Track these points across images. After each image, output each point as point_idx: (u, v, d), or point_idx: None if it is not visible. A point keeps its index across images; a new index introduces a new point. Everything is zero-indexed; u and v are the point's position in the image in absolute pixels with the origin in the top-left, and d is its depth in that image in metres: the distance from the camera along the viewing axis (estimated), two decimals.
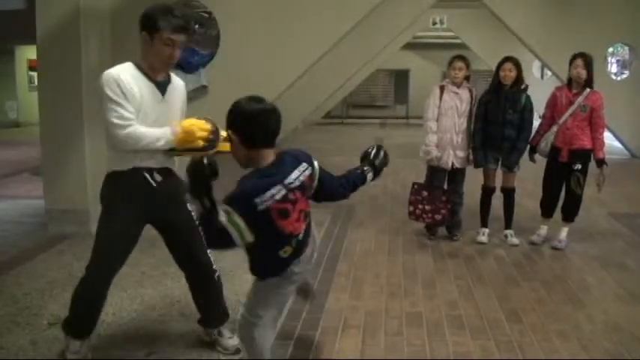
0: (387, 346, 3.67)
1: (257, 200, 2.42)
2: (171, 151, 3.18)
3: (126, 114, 3.02)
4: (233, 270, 4.72)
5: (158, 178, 3.24)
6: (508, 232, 5.97)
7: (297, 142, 15.08)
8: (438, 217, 5.84)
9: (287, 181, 2.52)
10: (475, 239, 5.94)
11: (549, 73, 16.92)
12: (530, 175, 5.77)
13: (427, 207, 5.87)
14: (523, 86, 5.71)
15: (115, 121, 3.01)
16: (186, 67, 6.27)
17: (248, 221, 2.42)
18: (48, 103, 6.04)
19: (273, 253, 2.62)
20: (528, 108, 5.70)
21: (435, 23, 18.10)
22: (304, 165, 2.65)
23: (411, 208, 5.98)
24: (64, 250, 5.58)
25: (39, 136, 6.20)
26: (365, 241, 5.96)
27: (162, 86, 3.21)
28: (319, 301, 4.31)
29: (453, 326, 3.97)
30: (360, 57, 15.56)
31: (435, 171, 5.91)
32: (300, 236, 2.67)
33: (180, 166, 3.23)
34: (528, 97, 5.72)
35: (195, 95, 6.32)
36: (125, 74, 3.08)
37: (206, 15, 6.61)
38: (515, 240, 5.88)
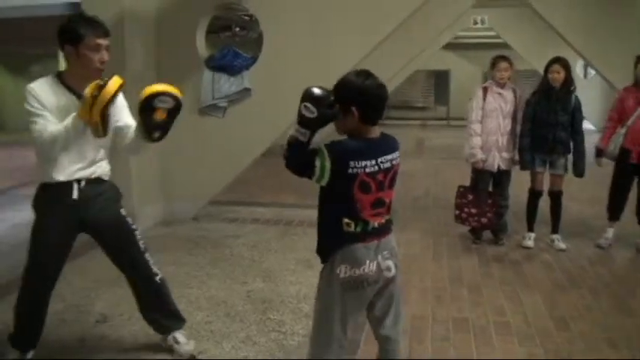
0: (434, 351, 3.63)
1: (352, 163, 2.46)
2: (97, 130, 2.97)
3: (44, 123, 2.98)
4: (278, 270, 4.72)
5: (82, 188, 3.23)
6: (555, 236, 5.84)
7: None
8: (484, 220, 5.76)
9: (381, 159, 2.53)
10: (521, 244, 5.83)
11: (592, 72, 16.55)
12: (574, 178, 5.64)
13: (473, 210, 5.79)
14: (572, 87, 5.59)
15: (35, 129, 2.98)
16: (229, 70, 6.30)
17: (333, 172, 2.46)
18: None
19: (338, 220, 2.53)
20: (578, 108, 5.59)
21: (476, 23, 17.84)
22: (397, 153, 2.65)
23: (457, 212, 5.91)
24: None
25: None
26: (409, 244, 5.90)
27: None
28: None
29: (500, 332, 3.90)
30: (401, 58, 15.45)
31: (480, 173, 5.82)
32: (371, 224, 2.55)
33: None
34: (577, 98, 5.61)
35: (238, 98, 6.36)
36: (41, 86, 3.06)
37: (247, 18, 6.62)
38: (562, 245, 5.75)
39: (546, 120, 5.56)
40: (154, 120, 2.93)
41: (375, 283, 2.58)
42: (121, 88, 2.85)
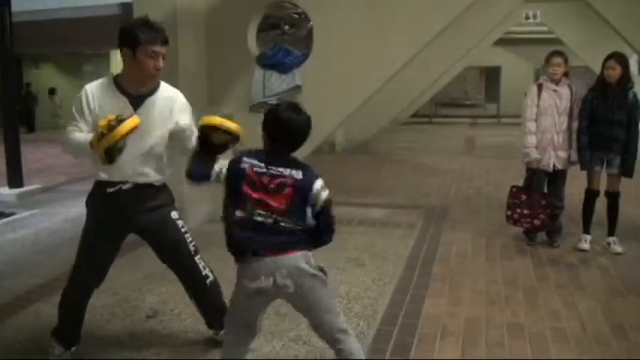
0: (488, 357, 3.54)
1: (244, 159, 2.78)
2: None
3: (73, 128, 3.12)
4: None
5: (131, 191, 3.27)
6: (611, 239, 5.64)
7: (385, 141, 15.04)
8: (536, 222, 5.61)
9: (271, 166, 2.76)
10: (576, 246, 5.65)
11: None
12: (631, 180, 5.45)
13: (526, 211, 5.65)
14: (629, 84, 5.39)
15: (66, 130, 3.14)
16: (280, 68, 6.29)
17: (229, 169, 2.81)
18: None
19: (234, 209, 2.77)
20: (635, 106, 5.40)
21: (527, 18, 17.47)
22: (299, 173, 2.78)
23: (509, 212, 5.78)
24: None
25: None
26: (461, 245, 5.80)
27: (138, 99, 3.19)
28: (416, 305, 4.24)
29: (556, 339, 3.77)
30: (451, 54, 15.23)
31: (534, 173, 5.67)
32: (256, 218, 2.73)
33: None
34: (635, 95, 5.41)
35: (289, 95, 6.34)
36: (96, 88, 3.18)
37: (296, 15, 6.61)
38: (618, 248, 5.55)
39: (603, 117, 5.39)
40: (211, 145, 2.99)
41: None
42: (133, 130, 2.91)
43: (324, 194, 2.79)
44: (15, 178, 8.74)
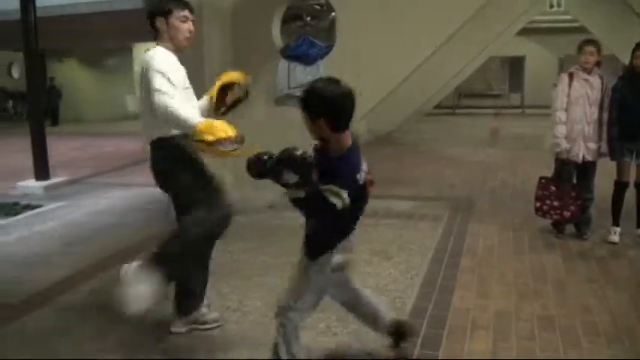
0: (519, 350, 3.50)
1: (357, 176, 2.71)
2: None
3: (170, 86, 3.21)
4: None
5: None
6: None
7: (410, 132, 14.98)
8: (566, 213, 5.54)
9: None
10: (606, 238, 5.56)
11: None
12: None
13: (555, 203, 5.58)
14: None
15: (161, 88, 3.17)
16: (304, 60, 6.28)
17: (350, 193, 2.58)
18: None
19: (354, 216, 2.86)
20: None
21: (552, 6, 17.23)
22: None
23: (538, 204, 5.71)
24: None
25: None
26: (488, 237, 5.75)
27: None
28: (445, 298, 4.22)
29: (587, 333, 3.71)
30: (475, 45, 15.07)
31: (564, 164, 5.58)
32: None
33: None
34: None
35: None
36: (171, 54, 3.42)
37: (318, 7, 6.60)
38: None
39: (632, 107, 5.30)
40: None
41: None
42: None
43: None
44: (41, 171, 8.85)
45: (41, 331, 3.83)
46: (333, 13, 6.43)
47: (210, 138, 2.97)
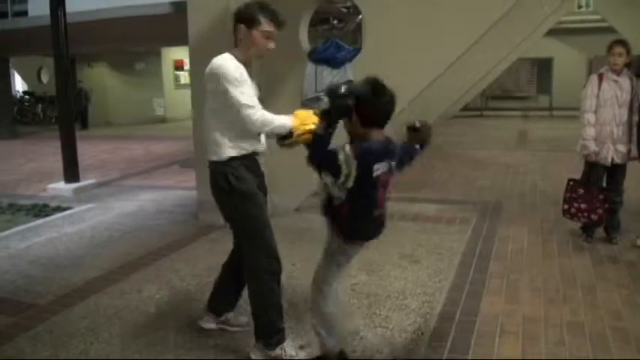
0: (548, 356, 3.46)
1: (375, 166, 2.81)
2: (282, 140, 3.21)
3: (253, 97, 3.18)
4: None
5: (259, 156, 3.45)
6: None
7: (436, 135, 14.72)
8: (594, 216, 5.46)
9: (392, 161, 2.93)
10: (635, 243, 5.46)
11: None
12: None
13: (583, 205, 5.51)
14: None
15: (249, 102, 3.13)
16: (332, 63, 6.28)
17: (358, 176, 2.76)
18: (200, 101, 6.28)
19: (369, 212, 2.92)
20: None
21: (580, 6, 17.01)
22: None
23: (566, 206, 5.64)
24: (217, 239, 5.80)
25: (186, 131, 6.48)
26: (517, 241, 5.69)
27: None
28: (473, 302, 4.19)
29: (617, 339, 3.66)
30: (503, 47, 14.92)
31: (592, 167, 5.51)
32: (381, 210, 2.99)
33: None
34: None
35: None
36: (238, 63, 3.21)
37: (345, 10, 6.59)
38: None
39: None
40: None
41: None
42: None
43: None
44: (71, 174, 8.99)
45: (70, 331, 3.89)
46: (359, 16, 6.39)
47: (306, 128, 3.03)
